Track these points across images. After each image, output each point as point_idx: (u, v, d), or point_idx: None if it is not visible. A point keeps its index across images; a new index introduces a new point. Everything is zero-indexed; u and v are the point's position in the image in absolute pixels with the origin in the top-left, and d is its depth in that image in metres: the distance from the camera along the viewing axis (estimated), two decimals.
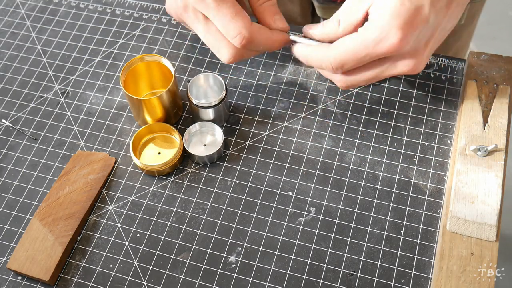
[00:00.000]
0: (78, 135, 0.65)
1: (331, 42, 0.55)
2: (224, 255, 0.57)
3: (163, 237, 0.58)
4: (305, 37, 0.59)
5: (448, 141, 0.63)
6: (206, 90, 0.64)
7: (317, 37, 0.57)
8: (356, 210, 0.59)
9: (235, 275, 0.56)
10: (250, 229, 0.59)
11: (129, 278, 0.57)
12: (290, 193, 0.60)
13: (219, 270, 0.57)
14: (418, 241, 0.57)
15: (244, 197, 0.60)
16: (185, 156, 0.63)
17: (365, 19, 0.53)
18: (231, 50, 0.56)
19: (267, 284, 0.56)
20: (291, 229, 0.58)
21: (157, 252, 0.58)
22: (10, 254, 0.58)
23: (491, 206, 0.55)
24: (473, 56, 0.65)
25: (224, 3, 0.54)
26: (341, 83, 0.56)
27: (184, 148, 0.62)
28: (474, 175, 0.57)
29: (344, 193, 0.60)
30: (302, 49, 0.58)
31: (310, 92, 0.66)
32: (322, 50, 0.55)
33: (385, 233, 0.58)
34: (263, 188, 0.61)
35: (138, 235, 0.59)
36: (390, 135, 0.63)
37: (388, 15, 0.49)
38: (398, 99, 0.65)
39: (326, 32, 0.55)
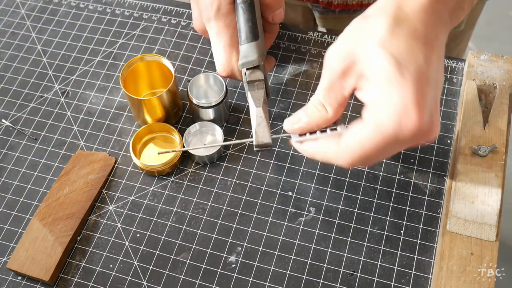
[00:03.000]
0: (78, 135, 0.65)
1: (320, 127, 0.51)
2: (224, 255, 0.57)
3: (163, 237, 0.58)
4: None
5: (448, 141, 0.63)
6: (206, 90, 0.64)
7: (305, 129, 0.51)
8: (356, 210, 0.59)
9: (235, 275, 0.56)
10: (250, 229, 0.59)
11: (129, 278, 0.57)
12: (290, 193, 0.60)
13: (219, 270, 0.57)
14: (418, 241, 0.57)
15: (244, 197, 0.60)
16: (185, 156, 0.63)
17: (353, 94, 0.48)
18: (219, 68, 0.61)
19: (267, 284, 0.56)
20: (291, 229, 0.58)
21: (157, 252, 0.58)
22: (10, 254, 0.58)
23: (491, 206, 0.55)
24: (473, 56, 0.65)
25: (224, 32, 0.58)
26: (349, 166, 0.51)
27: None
28: (474, 175, 0.57)
29: (344, 193, 0.60)
30: (308, 146, 0.51)
31: (310, 92, 0.66)
32: (332, 147, 0.49)
33: (385, 233, 0.58)
34: (263, 188, 0.61)
35: (138, 235, 0.59)
36: None
37: (396, 94, 0.43)
38: None
39: (314, 121, 0.50)
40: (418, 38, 0.44)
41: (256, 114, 0.56)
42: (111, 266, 0.57)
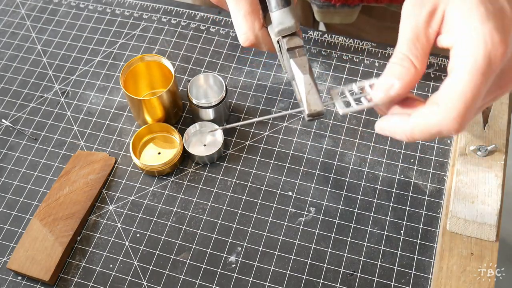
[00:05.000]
0: (78, 135, 0.65)
1: (412, 88, 0.45)
2: (224, 255, 0.57)
3: (163, 237, 0.58)
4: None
5: (448, 141, 0.63)
6: (206, 90, 0.64)
7: (401, 95, 0.45)
8: (356, 210, 0.59)
9: (235, 275, 0.56)
10: (250, 229, 0.59)
11: (129, 278, 0.57)
12: (290, 193, 0.60)
13: (219, 270, 0.57)
14: (418, 241, 0.57)
15: (244, 197, 0.60)
16: (185, 156, 0.63)
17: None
18: (242, 38, 0.57)
19: (267, 284, 0.56)
20: (291, 229, 0.58)
21: (157, 252, 0.58)
22: (10, 254, 0.58)
23: (491, 206, 0.55)
24: None
25: (243, 0, 0.54)
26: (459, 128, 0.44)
27: (184, 148, 0.62)
28: (474, 175, 0.57)
29: (344, 193, 0.60)
30: (402, 124, 0.45)
31: None
32: (401, 123, 0.45)
33: (385, 233, 0.58)
34: (263, 188, 0.61)
35: (138, 235, 0.59)
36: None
37: (483, 28, 0.40)
38: None
39: (407, 82, 0.44)
40: None
41: (304, 82, 0.51)
42: (111, 266, 0.57)
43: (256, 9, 0.55)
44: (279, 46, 0.55)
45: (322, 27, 0.92)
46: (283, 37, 0.54)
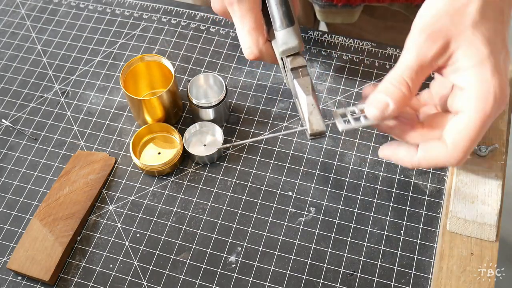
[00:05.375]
0: (78, 135, 0.65)
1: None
2: (224, 255, 0.57)
3: (163, 237, 0.58)
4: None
5: None
6: (206, 90, 0.64)
7: (392, 116, 0.48)
8: (356, 210, 0.59)
9: (235, 275, 0.56)
10: (250, 229, 0.59)
11: (129, 278, 0.57)
12: (290, 193, 0.60)
13: (219, 270, 0.57)
14: (418, 241, 0.57)
15: (244, 197, 0.60)
16: (185, 156, 0.63)
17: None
18: (246, 52, 0.59)
19: (267, 284, 0.56)
20: (291, 229, 0.58)
21: (157, 252, 0.58)
22: (10, 254, 0.58)
23: (491, 206, 0.55)
24: None
25: (248, 15, 0.57)
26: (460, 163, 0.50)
27: (184, 148, 0.62)
28: (474, 175, 0.57)
29: (344, 193, 0.60)
30: (388, 151, 0.52)
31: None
32: (409, 157, 0.50)
33: (385, 233, 0.58)
34: (263, 188, 0.61)
35: (138, 235, 0.59)
36: (390, 136, 0.63)
37: (491, 75, 0.44)
38: None
39: (400, 105, 0.47)
40: (502, 20, 0.46)
41: (307, 102, 0.53)
42: (111, 266, 0.57)
43: (260, 24, 0.58)
44: (283, 63, 0.56)
45: (323, 26, 0.91)
46: (287, 56, 0.55)
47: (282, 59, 0.57)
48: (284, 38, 0.55)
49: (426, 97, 0.54)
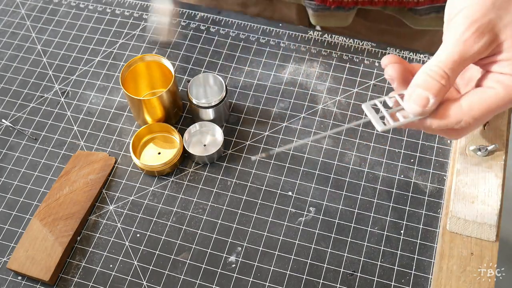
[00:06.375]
0: (78, 135, 0.65)
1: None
2: (224, 255, 0.57)
3: (163, 237, 0.58)
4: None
5: (448, 141, 0.63)
6: (206, 90, 0.64)
7: (433, 109, 0.46)
8: (356, 210, 0.59)
9: (235, 275, 0.56)
10: (250, 229, 0.59)
11: (129, 278, 0.57)
12: (290, 193, 0.60)
13: (219, 270, 0.57)
14: (418, 241, 0.57)
15: (244, 197, 0.60)
16: (185, 156, 0.63)
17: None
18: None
19: (267, 284, 0.56)
20: (291, 229, 0.58)
21: (157, 252, 0.58)
22: (10, 254, 0.58)
23: (491, 206, 0.55)
24: None
25: None
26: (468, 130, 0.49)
27: (184, 148, 0.62)
28: (474, 175, 0.57)
29: (344, 193, 0.60)
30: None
31: (310, 92, 0.66)
32: (454, 110, 0.46)
33: (385, 233, 0.58)
34: (263, 188, 0.61)
35: (138, 235, 0.59)
36: (390, 135, 0.63)
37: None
38: None
39: (440, 97, 0.45)
40: None
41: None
42: (111, 266, 0.57)
43: None
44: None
45: None
46: None
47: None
48: None
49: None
